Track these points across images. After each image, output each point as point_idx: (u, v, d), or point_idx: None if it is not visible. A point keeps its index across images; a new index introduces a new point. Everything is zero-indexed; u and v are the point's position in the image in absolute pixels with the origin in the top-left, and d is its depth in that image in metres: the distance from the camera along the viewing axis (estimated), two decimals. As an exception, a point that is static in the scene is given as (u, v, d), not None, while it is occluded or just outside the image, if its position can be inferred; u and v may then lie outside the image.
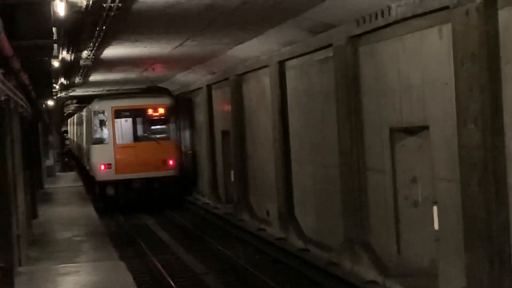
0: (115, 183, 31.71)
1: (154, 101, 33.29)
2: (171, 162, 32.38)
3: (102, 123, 32.62)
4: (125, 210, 31.88)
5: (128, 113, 32.24)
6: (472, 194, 12.05)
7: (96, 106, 33.33)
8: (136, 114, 32.47)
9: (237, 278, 18.99)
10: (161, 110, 32.98)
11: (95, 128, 32.94)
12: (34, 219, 23.21)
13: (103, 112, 32.47)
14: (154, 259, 21.15)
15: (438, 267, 14.01)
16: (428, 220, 14.47)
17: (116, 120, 32.17)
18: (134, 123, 32.48)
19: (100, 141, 32.59)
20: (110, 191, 31.90)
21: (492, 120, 11.58)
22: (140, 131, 32.68)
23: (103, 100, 33.92)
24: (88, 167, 35.66)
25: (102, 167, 31.92)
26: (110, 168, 31.75)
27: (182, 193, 34.21)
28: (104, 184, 31.91)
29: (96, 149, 32.57)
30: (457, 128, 12.45)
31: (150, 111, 32.78)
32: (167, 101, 33.86)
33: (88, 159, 34.64)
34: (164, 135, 32.97)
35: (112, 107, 32.39)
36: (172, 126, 33.46)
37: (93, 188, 33.62)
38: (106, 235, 20.90)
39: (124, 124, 32.35)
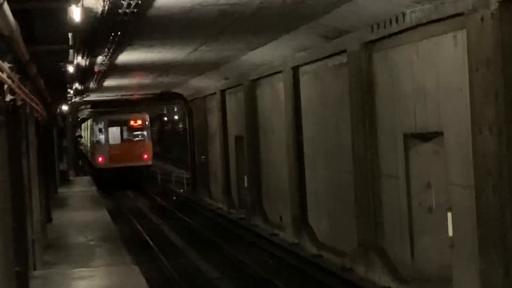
0: (109, 170, 45.24)
1: (134, 116, 47.21)
2: (145, 156, 46.11)
3: (100, 130, 46.70)
4: (117, 189, 44.85)
5: (117, 124, 46.45)
6: (486, 201, 12.04)
7: (97, 118, 47.80)
8: (123, 124, 46.54)
9: (250, 283, 19.01)
10: (139, 122, 47.02)
11: (96, 133, 47.35)
12: (48, 223, 23.29)
13: (101, 123, 46.66)
14: (167, 264, 21.22)
15: (452, 273, 13.99)
16: (443, 226, 14.45)
17: (109, 128, 46.21)
18: (121, 130, 46.48)
19: (99, 141, 46.75)
20: (104, 175, 45.47)
21: (507, 127, 11.56)
22: (125, 135, 46.52)
23: (101, 115, 47.28)
24: (91, 159, 49.89)
25: (100, 159, 46.01)
26: (106, 160, 45.65)
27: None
28: (101, 171, 45.89)
29: (96, 147, 47.08)
30: (472, 134, 12.44)
31: (132, 122, 46.77)
32: (143, 116, 47.70)
33: (92, 153, 49.44)
34: (141, 138, 46.79)
35: (107, 119, 46.45)
36: (147, 132, 47.24)
37: (94, 172, 47.70)
38: (120, 239, 20.95)
39: (115, 131, 46.30)
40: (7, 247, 10.83)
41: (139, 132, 46.86)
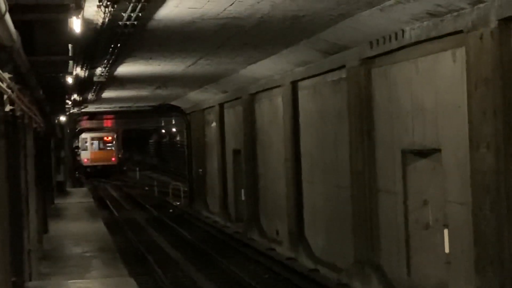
0: (90, 167, 73.09)
1: (107, 133, 74.30)
2: (113, 159, 73.97)
3: (86, 142, 73.73)
4: (95, 178, 70.47)
5: (96, 138, 73.51)
6: (484, 218, 12.04)
7: (83, 135, 72.55)
8: (99, 139, 73.72)
9: (246, 297, 18.99)
10: (110, 138, 74.41)
11: (83, 144, 73.92)
12: (45, 234, 23.24)
13: (86, 138, 73.43)
14: (163, 276, 21.17)
15: (448, 290, 13.98)
16: (439, 243, 14.45)
17: (91, 141, 73.48)
18: (99, 142, 73.80)
19: (85, 149, 73.84)
20: (88, 170, 72.89)
21: (505, 144, 11.59)
22: (101, 146, 73.96)
23: (86, 133, 71.80)
24: (80, 160, 73.24)
25: (85, 160, 73.46)
26: (89, 160, 73.20)
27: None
28: (86, 167, 73.14)
29: (83, 153, 73.84)
30: (470, 151, 12.47)
31: (105, 138, 74.10)
32: (112, 134, 74.86)
33: (79, 157, 73.45)
34: (110, 148, 74.22)
35: (90, 136, 73.00)
36: (114, 144, 74.80)
37: (81, 169, 70.94)
38: (116, 251, 20.91)
39: (95, 143, 73.73)
40: (3, 258, 10.82)
41: (109, 144, 74.87)
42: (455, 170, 13.44)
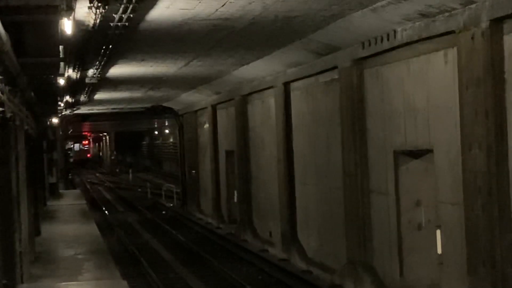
0: (76, 160, 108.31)
1: (84, 140, 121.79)
2: (88, 155, 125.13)
3: (72, 144, 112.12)
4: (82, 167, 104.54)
5: (79, 143, 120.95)
6: (476, 219, 12.05)
7: (70, 140, 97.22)
8: (80, 142, 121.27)
9: (239, 298, 18.95)
10: (86, 142, 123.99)
11: (70, 146, 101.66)
12: (37, 236, 23.16)
13: (72, 144, 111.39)
14: (156, 278, 21.13)
15: (441, 291, 13.98)
16: (432, 243, 14.45)
17: (74, 144, 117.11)
18: (80, 145, 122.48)
19: (72, 149, 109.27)
20: (75, 163, 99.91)
21: (497, 145, 11.60)
22: (81, 147, 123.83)
23: (72, 138, 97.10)
24: (70, 158, 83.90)
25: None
26: (73, 156, 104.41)
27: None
28: (73, 161, 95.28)
29: (72, 152, 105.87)
30: (462, 152, 12.47)
31: (83, 142, 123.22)
32: (88, 140, 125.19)
33: (70, 155, 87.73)
34: (87, 148, 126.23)
35: (74, 141, 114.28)
36: (90, 145, 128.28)
37: (69, 162, 74.24)
38: (109, 253, 20.85)
39: (78, 145, 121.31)
40: (-6, 260, 10.77)
41: (86, 146, 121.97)
42: (447, 170, 13.44)
